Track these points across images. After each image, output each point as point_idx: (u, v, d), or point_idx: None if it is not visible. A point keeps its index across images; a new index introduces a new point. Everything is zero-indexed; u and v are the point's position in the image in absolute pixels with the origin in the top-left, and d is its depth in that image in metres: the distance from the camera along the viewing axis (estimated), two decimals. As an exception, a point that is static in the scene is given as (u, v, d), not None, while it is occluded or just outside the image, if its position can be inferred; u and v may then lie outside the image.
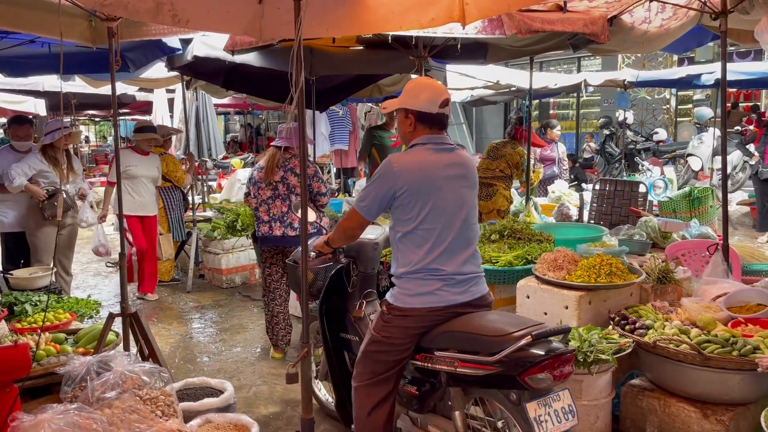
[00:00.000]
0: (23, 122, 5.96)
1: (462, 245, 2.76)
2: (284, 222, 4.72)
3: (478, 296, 2.84)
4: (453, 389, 2.72)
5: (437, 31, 3.94)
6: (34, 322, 4.19)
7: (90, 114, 18.37)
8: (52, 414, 2.47)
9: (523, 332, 2.46)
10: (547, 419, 2.42)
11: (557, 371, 2.41)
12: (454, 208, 2.74)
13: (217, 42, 5.18)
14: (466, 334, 2.60)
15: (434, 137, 2.80)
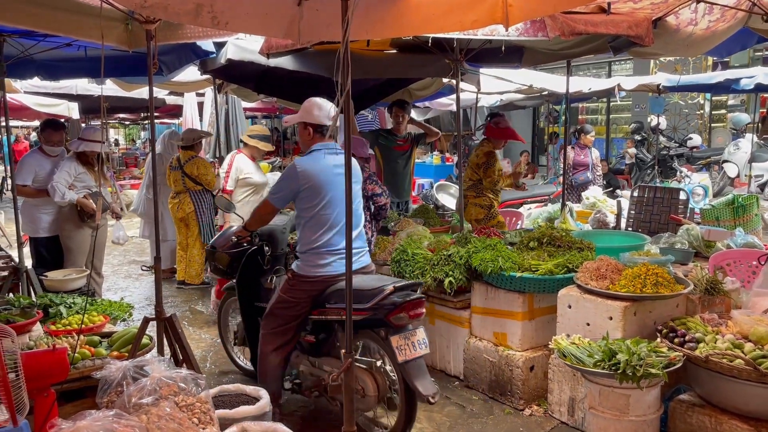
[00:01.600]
0: (58, 128, 6.01)
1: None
2: None
3: (363, 265, 3.68)
4: (340, 333, 3.54)
5: (477, 33, 3.86)
6: (69, 325, 4.19)
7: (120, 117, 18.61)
8: (90, 421, 2.44)
9: (388, 286, 3.28)
10: (406, 348, 3.28)
11: (412, 312, 3.29)
12: (342, 200, 3.20)
13: (251, 45, 5.15)
14: (359, 294, 3.24)
15: (327, 144, 3.63)
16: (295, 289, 3.59)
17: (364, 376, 3.42)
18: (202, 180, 6.90)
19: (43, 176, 5.70)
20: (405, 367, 3.25)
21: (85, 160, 5.80)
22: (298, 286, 3.58)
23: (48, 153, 5.82)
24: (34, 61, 5.50)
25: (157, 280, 3.86)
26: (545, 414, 3.93)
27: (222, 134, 9.49)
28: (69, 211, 5.73)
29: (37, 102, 10.42)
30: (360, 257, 3.63)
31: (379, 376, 3.44)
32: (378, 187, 4.68)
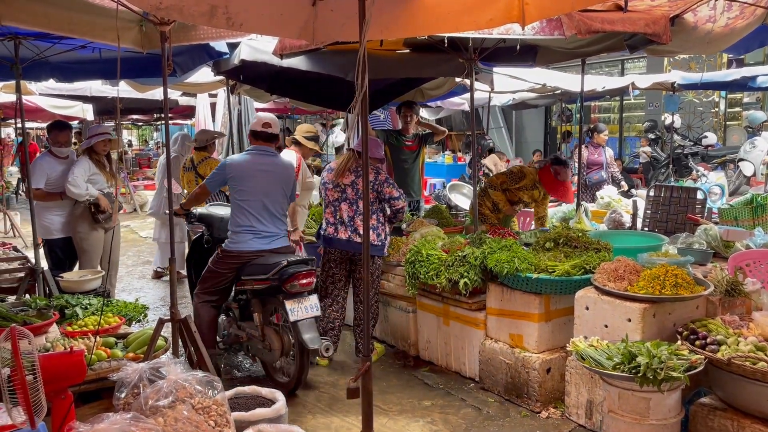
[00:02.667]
0: (63, 128, 6.02)
1: (268, 215, 4.41)
2: (350, 226, 4.65)
3: (280, 246, 4.46)
4: (253, 300, 4.44)
5: (492, 32, 3.82)
6: (85, 326, 4.20)
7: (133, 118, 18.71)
8: (108, 423, 2.43)
9: (283, 261, 4.15)
10: (299, 310, 4.13)
11: (302, 281, 4.14)
12: (261, 192, 4.38)
13: (265, 46, 5.15)
14: (259, 265, 4.27)
15: (259, 146, 4.51)
16: (221, 261, 4.45)
17: (271, 334, 4.33)
18: (216, 181, 6.90)
19: (55, 178, 5.72)
20: (296, 326, 4.11)
21: (97, 161, 5.82)
22: (223, 259, 4.44)
23: (57, 155, 5.84)
24: (50, 63, 5.52)
25: (171, 281, 3.86)
26: (562, 417, 3.89)
27: (235, 135, 9.51)
28: (82, 213, 5.75)
29: (51, 104, 10.49)
30: (276, 239, 4.45)
31: (285, 334, 4.31)
32: (395, 190, 4.66)
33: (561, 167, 5.68)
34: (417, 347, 4.96)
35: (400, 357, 5.03)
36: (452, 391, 4.37)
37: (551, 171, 5.70)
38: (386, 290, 5.19)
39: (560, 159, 5.79)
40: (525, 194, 5.78)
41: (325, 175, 4.87)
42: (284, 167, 4.58)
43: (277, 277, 4.13)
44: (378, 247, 4.68)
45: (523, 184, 5.70)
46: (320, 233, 4.87)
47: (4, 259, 5.57)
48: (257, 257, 4.33)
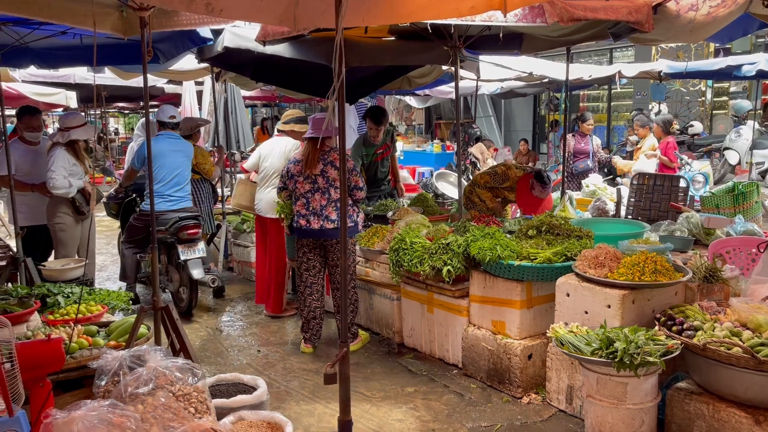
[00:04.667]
0: (35, 112, 5.97)
1: (175, 184, 5.85)
2: (322, 215, 4.65)
3: (182, 207, 5.90)
4: (160, 246, 5.77)
5: (475, 19, 3.81)
6: (67, 314, 4.18)
7: (119, 106, 18.54)
8: (85, 411, 2.43)
9: (177, 217, 5.71)
10: (187, 251, 5.67)
11: (189, 231, 5.65)
12: (171, 166, 5.83)
13: (248, 33, 5.10)
14: (162, 220, 5.63)
15: (169, 132, 6.03)
16: (138, 218, 5.97)
17: (172, 271, 5.99)
18: (201, 169, 6.86)
19: (26, 167, 5.68)
20: (186, 264, 5.66)
21: (74, 151, 5.74)
22: (139, 217, 5.96)
23: (29, 140, 5.79)
24: (30, 49, 5.45)
25: (153, 269, 3.84)
26: (543, 402, 3.93)
27: (221, 123, 9.46)
28: (61, 203, 5.69)
29: (34, 91, 10.35)
30: (180, 202, 5.90)
31: (181, 271, 5.85)
32: (361, 180, 4.76)
33: (540, 185, 5.50)
34: (401, 334, 4.98)
35: (385, 344, 5.05)
36: (435, 377, 4.39)
37: (528, 183, 5.55)
38: (371, 278, 5.20)
39: (542, 176, 5.53)
40: (510, 194, 5.78)
41: (291, 167, 4.82)
42: (187, 147, 6.12)
43: (173, 229, 5.63)
44: (351, 228, 4.72)
45: (507, 185, 5.70)
46: (293, 226, 4.86)
47: (-15, 247, 5.53)
48: (163, 215, 5.67)
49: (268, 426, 3.04)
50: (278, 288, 5.82)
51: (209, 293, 6.64)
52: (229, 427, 2.93)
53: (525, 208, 5.68)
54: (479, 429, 3.68)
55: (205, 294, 6.63)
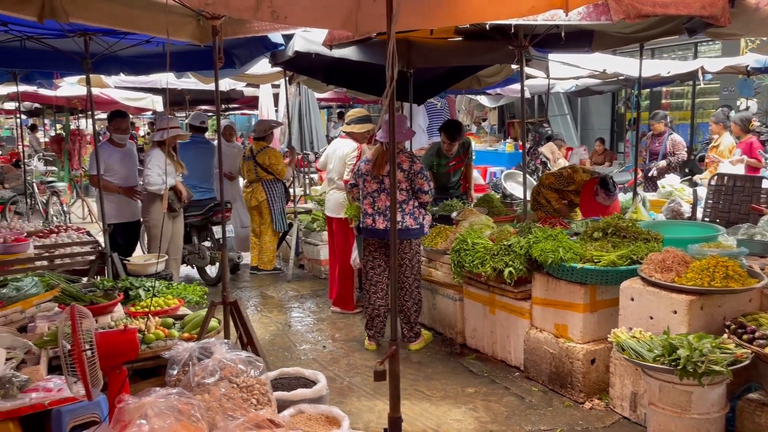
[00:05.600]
0: (124, 115, 6.39)
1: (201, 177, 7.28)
2: (387, 216, 4.73)
3: (211, 197, 7.11)
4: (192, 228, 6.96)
5: (538, 18, 3.77)
6: (147, 307, 4.45)
7: (203, 109, 19.34)
8: (154, 397, 2.59)
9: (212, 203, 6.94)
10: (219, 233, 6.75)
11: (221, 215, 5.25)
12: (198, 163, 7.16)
13: (318, 37, 5.24)
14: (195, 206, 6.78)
15: (196, 135, 7.47)
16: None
17: (204, 249, 6.99)
18: (273, 170, 7.11)
19: (113, 166, 6.06)
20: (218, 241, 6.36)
21: (167, 152, 6.06)
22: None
23: (117, 142, 6.16)
24: (118, 57, 5.83)
25: (223, 265, 4.03)
26: (606, 408, 3.84)
27: (295, 124, 9.72)
28: (155, 200, 6.04)
29: (124, 96, 10.99)
30: (209, 193, 7.33)
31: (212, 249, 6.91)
32: (426, 184, 4.76)
33: (604, 192, 5.39)
34: (464, 335, 4.99)
35: (447, 344, 5.07)
36: (496, 379, 4.38)
37: (593, 188, 5.45)
38: (434, 278, 5.24)
39: (607, 183, 5.42)
40: (576, 197, 5.66)
41: (362, 166, 4.94)
42: (211, 146, 7.56)
43: (207, 213, 6.81)
44: (416, 230, 4.76)
45: (572, 188, 5.58)
46: (360, 226, 4.96)
47: (77, 242, 5.93)
48: (198, 202, 6.89)
49: (326, 420, 3.14)
50: (343, 285, 5.95)
51: (281, 290, 6.86)
52: (288, 420, 3.04)
53: (587, 214, 5.53)
54: (539, 432, 3.65)
55: (277, 291, 6.87)
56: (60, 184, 11.31)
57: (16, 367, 3.19)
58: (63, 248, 5.72)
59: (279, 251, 7.73)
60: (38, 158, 13.51)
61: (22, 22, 4.57)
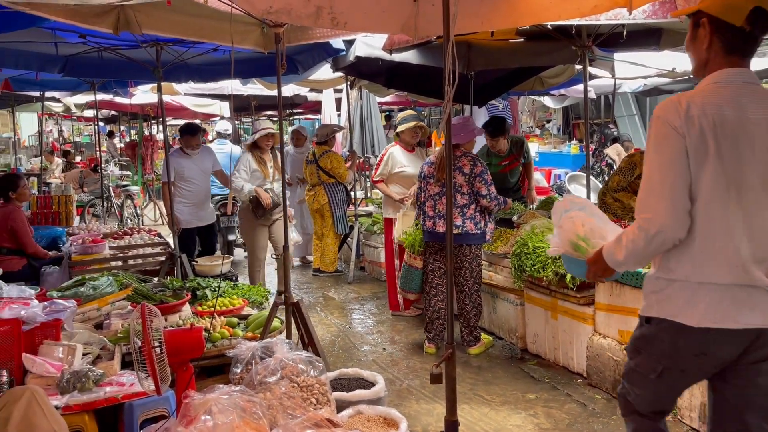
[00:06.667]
0: (194, 132, 6.51)
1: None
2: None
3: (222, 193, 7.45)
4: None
5: (601, 17, 3.69)
6: (213, 307, 4.60)
7: (268, 114, 19.82)
8: (218, 394, 2.69)
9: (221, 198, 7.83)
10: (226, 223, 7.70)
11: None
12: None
13: (378, 42, 5.30)
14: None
15: (219, 140, 8.83)
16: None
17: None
18: (335, 173, 7.22)
19: (183, 172, 6.28)
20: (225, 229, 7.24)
21: (258, 157, 6.14)
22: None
23: (187, 153, 6.38)
24: (187, 65, 6.07)
25: (285, 267, 4.14)
26: (674, 419, 3.71)
27: (356, 129, 9.83)
28: (244, 207, 6.16)
29: (193, 103, 11.39)
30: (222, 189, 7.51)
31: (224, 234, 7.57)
32: (485, 188, 4.67)
33: None
34: (525, 340, 4.92)
35: (508, 349, 5.02)
36: (558, 385, 4.30)
37: None
38: (494, 282, 5.19)
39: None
40: None
41: (425, 168, 4.95)
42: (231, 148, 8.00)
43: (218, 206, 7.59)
44: (477, 235, 4.72)
45: (638, 172, 5.39)
46: (423, 230, 4.96)
47: (149, 244, 6.21)
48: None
49: (384, 421, 3.16)
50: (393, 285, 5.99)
51: (342, 292, 6.95)
52: (346, 420, 3.09)
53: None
54: (602, 441, 3.56)
55: (338, 292, 6.96)
56: (134, 187, 11.84)
57: (92, 362, 3.37)
58: (136, 249, 6.00)
59: (340, 253, 7.84)
60: (114, 163, 14.19)
61: (99, 34, 4.83)
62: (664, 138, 2.02)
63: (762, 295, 2.02)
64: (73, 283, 4.58)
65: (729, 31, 2.04)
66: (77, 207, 9.41)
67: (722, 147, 1.98)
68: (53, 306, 3.52)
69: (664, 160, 2.01)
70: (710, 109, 1.99)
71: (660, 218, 2.01)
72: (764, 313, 2.01)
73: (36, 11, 3.44)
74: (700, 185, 2.00)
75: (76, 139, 24.62)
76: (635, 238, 2.07)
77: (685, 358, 2.10)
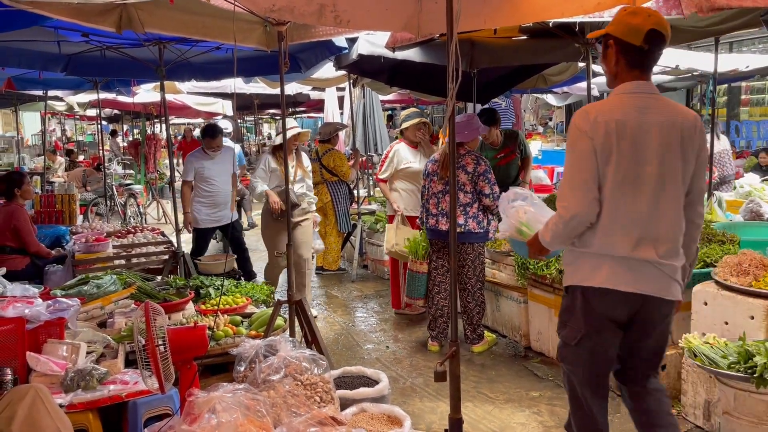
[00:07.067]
0: (215, 135, 6.32)
1: None
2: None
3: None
4: None
5: (604, 15, 3.67)
6: (216, 305, 4.60)
7: (270, 113, 19.84)
8: (222, 392, 2.69)
9: None
10: None
11: None
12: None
13: (381, 40, 5.30)
14: None
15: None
16: None
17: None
18: (338, 171, 7.20)
19: (203, 172, 6.20)
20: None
21: (280, 156, 5.66)
22: None
23: (208, 153, 6.29)
24: (190, 64, 6.07)
25: (288, 265, 4.13)
26: (678, 416, 3.70)
27: (359, 127, 9.83)
28: (265, 207, 5.86)
29: (195, 101, 11.40)
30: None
31: None
32: (488, 187, 4.66)
33: None
34: (528, 338, 4.92)
35: (511, 347, 5.01)
36: (562, 383, 4.27)
37: None
38: (498, 280, 5.18)
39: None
40: None
41: (429, 166, 4.94)
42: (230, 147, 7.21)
43: None
44: (479, 234, 4.70)
45: None
46: (428, 228, 4.94)
47: (152, 242, 6.21)
48: None
49: (387, 419, 3.17)
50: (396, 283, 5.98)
51: (345, 290, 6.95)
52: (350, 418, 3.09)
53: None
54: (605, 439, 3.55)
55: (341, 290, 6.96)
56: (137, 186, 11.84)
57: (96, 360, 3.37)
58: (139, 248, 6.00)
59: (343, 252, 7.83)
60: (117, 162, 14.20)
61: (101, 32, 4.84)
62: (577, 140, 2.45)
63: (650, 269, 2.44)
64: (77, 281, 4.59)
65: (631, 50, 2.46)
66: (80, 206, 9.41)
67: (623, 147, 2.38)
68: (57, 305, 3.53)
69: (576, 158, 2.45)
70: (614, 115, 2.40)
71: (574, 206, 2.43)
72: (650, 283, 2.45)
73: (39, 10, 3.44)
74: (605, 178, 2.41)
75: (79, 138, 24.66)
76: (557, 222, 2.51)
77: (595, 318, 2.52)
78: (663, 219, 2.43)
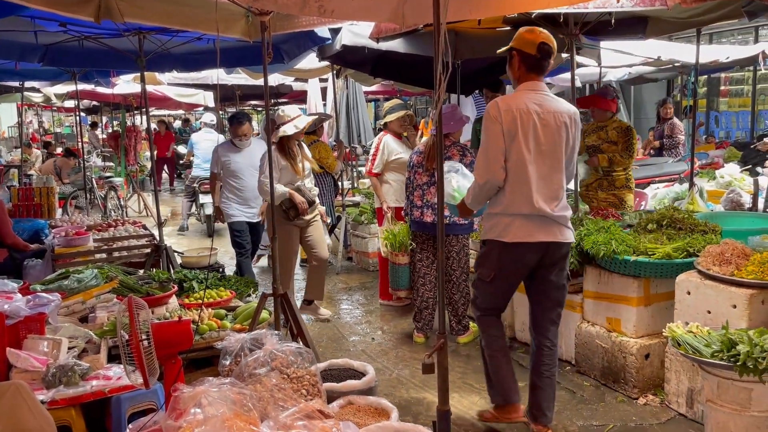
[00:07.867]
0: (241, 121, 6.06)
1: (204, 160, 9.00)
2: (436, 209, 4.70)
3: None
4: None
5: (589, 6, 3.68)
6: (200, 299, 4.56)
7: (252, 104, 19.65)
8: (208, 387, 2.65)
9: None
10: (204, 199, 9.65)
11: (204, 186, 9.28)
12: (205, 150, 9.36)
13: (365, 30, 5.26)
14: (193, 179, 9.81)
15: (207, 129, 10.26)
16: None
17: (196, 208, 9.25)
18: (324, 163, 7.15)
19: (229, 165, 5.98)
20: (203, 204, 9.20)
21: (286, 151, 5.22)
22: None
23: (237, 146, 6.02)
24: (171, 55, 5.97)
25: (273, 258, 4.10)
26: (661, 404, 3.74)
27: (343, 118, 9.78)
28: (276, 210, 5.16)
29: (176, 92, 11.25)
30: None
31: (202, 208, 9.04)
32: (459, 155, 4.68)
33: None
34: (513, 329, 4.93)
35: (497, 337, 5.02)
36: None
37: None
38: (483, 271, 5.19)
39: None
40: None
41: (414, 157, 4.91)
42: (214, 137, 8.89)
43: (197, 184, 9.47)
44: (464, 226, 4.71)
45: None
46: (412, 220, 4.93)
47: (134, 236, 6.13)
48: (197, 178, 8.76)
49: (375, 411, 3.15)
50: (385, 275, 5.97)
51: (329, 282, 6.94)
52: (337, 410, 3.08)
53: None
54: (591, 428, 3.58)
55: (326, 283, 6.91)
56: (117, 179, 11.69)
57: (77, 355, 3.32)
58: (120, 241, 5.92)
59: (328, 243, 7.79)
60: (97, 154, 13.99)
61: (79, 22, 4.74)
62: (490, 125, 3.15)
63: (548, 222, 3.19)
64: (57, 276, 4.51)
65: (528, 58, 3.21)
66: (59, 199, 9.25)
67: (524, 130, 3.11)
68: (37, 299, 3.47)
69: (489, 138, 3.15)
70: (517, 106, 3.12)
71: (486, 173, 3.16)
72: (549, 233, 3.21)
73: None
74: (511, 153, 3.13)
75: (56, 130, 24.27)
76: (474, 186, 3.30)
77: (507, 264, 3.29)
78: (553, 183, 3.19)
